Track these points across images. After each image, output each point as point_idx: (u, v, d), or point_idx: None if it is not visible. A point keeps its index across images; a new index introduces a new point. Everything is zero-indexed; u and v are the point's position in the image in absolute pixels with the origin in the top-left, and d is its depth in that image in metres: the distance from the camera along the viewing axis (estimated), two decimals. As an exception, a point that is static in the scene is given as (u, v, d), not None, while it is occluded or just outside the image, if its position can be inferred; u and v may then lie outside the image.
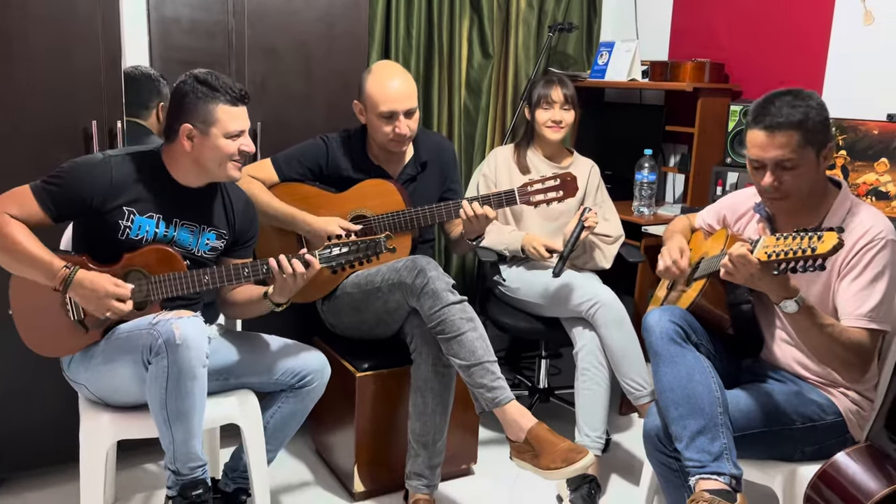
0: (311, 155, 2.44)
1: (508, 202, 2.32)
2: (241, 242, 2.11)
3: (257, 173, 2.40)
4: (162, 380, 1.74)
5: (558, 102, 2.68)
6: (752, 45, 3.09)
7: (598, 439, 2.46)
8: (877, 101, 2.62)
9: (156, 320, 1.78)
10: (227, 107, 1.87)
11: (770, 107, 1.72)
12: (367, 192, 2.40)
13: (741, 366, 1.99)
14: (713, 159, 3.06)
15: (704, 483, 1.65)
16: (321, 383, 2.10)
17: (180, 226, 1.96)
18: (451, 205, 2.32)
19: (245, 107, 1.92)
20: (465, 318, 2.13)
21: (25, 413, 2.31)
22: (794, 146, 1.71)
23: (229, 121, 1.88)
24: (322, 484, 2.51)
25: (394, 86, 2.34)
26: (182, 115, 1.87)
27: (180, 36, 2.39)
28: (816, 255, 1.49)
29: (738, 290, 1.89)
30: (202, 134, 1.87)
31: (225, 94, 1.87)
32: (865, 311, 1.71)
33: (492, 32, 3.25)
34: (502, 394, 2.09)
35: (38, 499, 2.34)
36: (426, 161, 2.50)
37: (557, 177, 2.30)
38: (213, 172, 1.93)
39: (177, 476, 1.83)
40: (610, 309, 2.48)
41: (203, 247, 2.01)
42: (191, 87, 1.87)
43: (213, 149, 1.89)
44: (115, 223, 1.88)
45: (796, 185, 1.75)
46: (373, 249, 1.93)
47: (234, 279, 1.94)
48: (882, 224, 1.76)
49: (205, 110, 1.86)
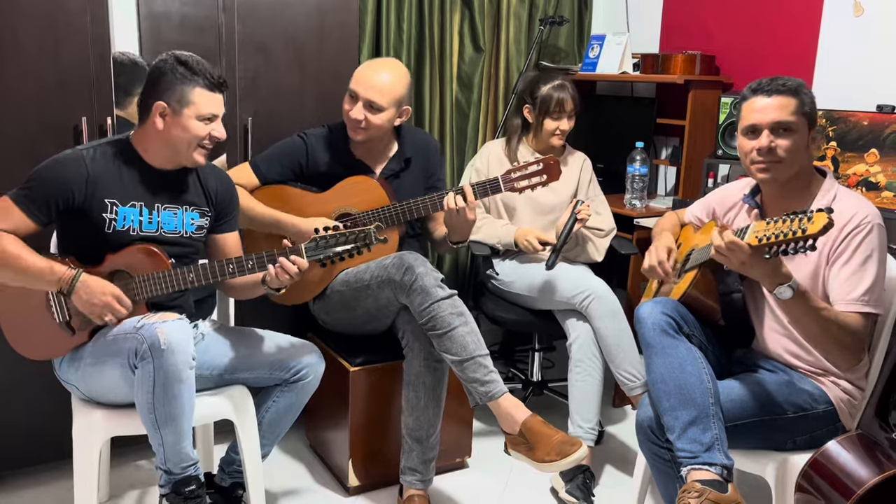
0: (289, 154, 2.42)
1: (493, 190, 2.30)
2: (224, 216, 2.09)
3: (237, 178, 2.38)
4: (148, 384, 1.73)
5: (567, 112, 2.68)
6: (742, 38, 3.09)
7: (591, 430, 2.48)
8: (867, 93, 2.63)
9: (140, 324, 1.76)
10: (203, 90, 1.86)
11: (767, 80, 1.82)
12: (349, 189, 2.38)
13: (733, 356, 2.00)
14: (704, 151, 3.07)
15: (696, 473, 1.66)
16: (315, 378, 2.10)
17: (163, 210, 1.95)
18: (436, 196, 2.30)
19: (221, 95, 1.90)
20: (455, 312, 2.13)
21: (18, 411, 2.30)
22: (792, 110, 1.78)
23: (204, 104, 1.86)
24: (317, 478, 2.51)
25: (370, 71, 2.33)
26: (157, 93, 1.86)
27: (170, 31, 2.38)
28: (807, 235, 1.49)
29: (729, 279, 1.90)
30: (175, 113, 1.86)
31: (203, 78, 1.85)
32: (858, 296, 1.73)
33: (483, 26, 3.25)
34: (495, 387, 2.09)
35: (33, 496, 2.33)
36: (410, 157, 2.49)
37: (540, 161, 2.29)
38: (182, 154, 1.91)
39: (169, 475, 1.83)
40: (603, 301, 2.49)
41: (189, 227, 2.00)
42: (170, 66, 1.85)
43: (184, 129, 1.86)
44: (100, 217, 1.87)
45: (789, 152, 1.79)
46: (363, 240, 1.89)
47: (219, 276, 1.92)
48: (867, 209, 1.78)
49: (181, 90, 1.84)
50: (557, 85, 2.67)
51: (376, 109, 2.32)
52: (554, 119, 2.68)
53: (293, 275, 1.90)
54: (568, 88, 2.68)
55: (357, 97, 2.32)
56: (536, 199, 2.75)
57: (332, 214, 2.38)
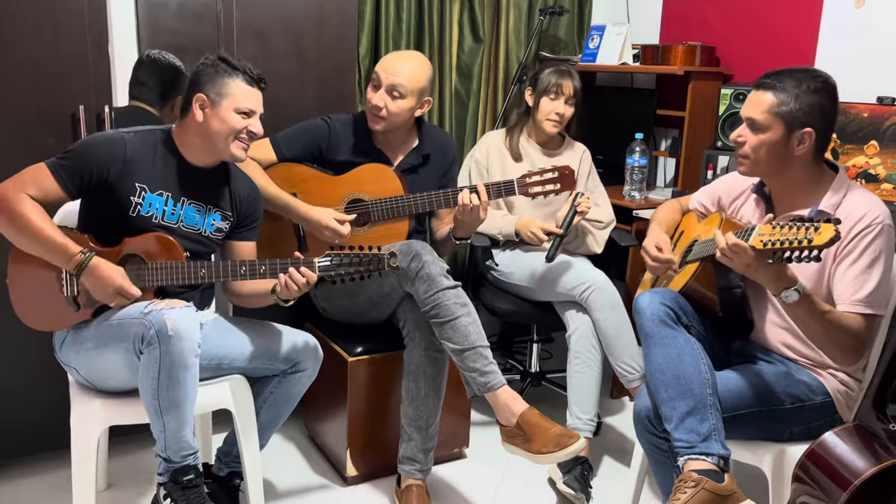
0: (312, 135, 2.42)
1: (507, 192, 2.32)
2: (245, 225, 2.12)
3: (255, 153, 2.38)
4: (154, 370, 1.74)
5: (566, 95, 2.66)
6: (743, 29, 3.08)
7: (589, 422, 2.48)
8: (867, 84, 2.62)
9: (148, 309, 1.78)
10: (242, 84, 1.92)
11: (775, 73, 1.76)
12: (365, 176, 2.38)
13: (731, 348, 2.00)
14: (704, 143, 3.06)
15: (693, 463, 1.66)
16: (314, 368, 2.11)
17: (187, 204, 1.97)
18: (450, 192, 2.31)
19: (260, 92, 1.96)
20: (459, 303, 2.13)
21: (17, 400, 2.30)
22: (765, 108, 1.74)
23: (242, 97, 1.91)
24: (315, 468, 2.52)
25: (395, 58, 2.37)
26: (198, 87, 1.91)
27: (168, 19, 2.37)
28: (813, 246, 1.48)
29: (731, 274, 1.89)
30: (213, 105, 1.90)
31: (243, 73, 1.92)
32: (863, 297, 1.71)
33: (483, 16, 3.24)
34: (494, 378, 2.09)
35: (31, 485, 2.34)
36: (429, 154, 2.49)
37: (556, 169, 2.30)
38: (219, 147, 1.94)
39: (168, 463, 1.84)
40: (603, 292, 2.49)
41: (209, 227, 2.02)
42: (212, 62, 1.92)
43: (222, 121, 1.90)
44: (127, 200, 1.89)
45: (753, 150, 1.77)
46: (375, 265, 1.92)
47: (230, 275, 1.94)
48: (878, 209, 1.75)
49: (221, 83, 1.90)
50: (561, 70, 2.67)
51: (398, 96, 2.33)
52: (551, 99, 2.66)
53: (301, 286, 1.91)
54: (570, 75, 2.66)
55: (380, 84, 2.33)
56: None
57: (345, 199, 2.38)
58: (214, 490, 2.10)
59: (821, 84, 1.74)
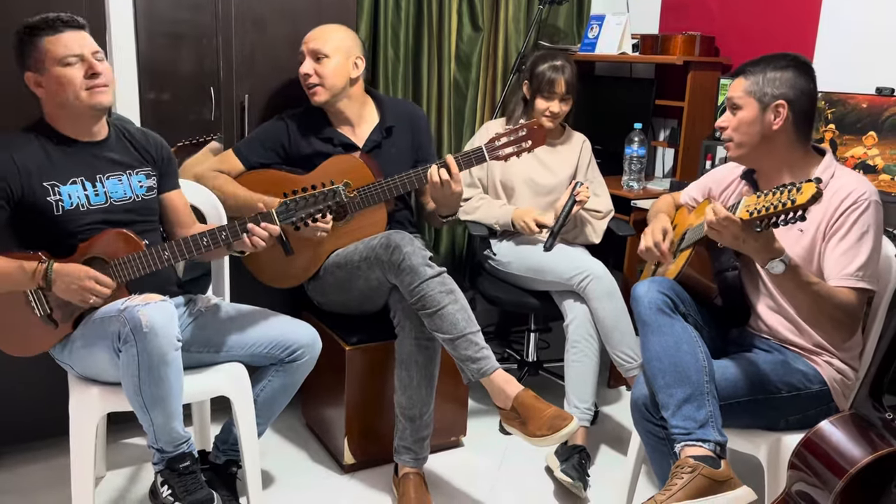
0: (271, 136, 2.42)
1: (478, 160, 2.28)
2: (165, 171, 2.08)
3: (222, 166, 2.38)
4: (133, 368, 1.72)
5: (559, 94, 2.66)
6: (742, 19, 3.07)
7: (587, 411, 2.49)
8: (866, 75, 2.62)
9: (123, 306, 1.74)
10: (51, 37, 1.79)
11: (752, 60, 1.86)
12: (334, 169, 2.37)
13: (728, 336, 2.00)
14: (703, 133, 3.06)
15: (689, 450, 1.67)
16: (312, 357, 2.10)
17: (106, 179, 1.92)
18: (420, 170, 2.28)
19: (75, 30, 1.82)
20: (444, 291, 2.12)
21: (15, 388, 2.30)
22: (739, 90, 1.84)
23: (58, 49, 1.79)
24: (312, 456, 2.53)
25: (312, 30, 2.40)
26: (22, 68, 1.83)
27: (165, 8, 2.36)
28: (797, 206, 1.50)
29: (724, 256, 1.91)
30: (42, 73, 1.82)
31: (46, 28, 1.80)
32: (853, 271, 1.73)
33: (482, 5, 3.22)
34: (487, 363, 2.09)
35: (29, 472, 2.34)
36: (392, 126, 2.48)
37: (524, 126, 2.27)
38: (78, 107, 1.84)
39: (162, 454, 1.83)
40: (601, 281, 2.49)
41: (139, 189, 1.98)
42: (17, 38, 1.83)
43: (59, 83, 1.81)
44: (46, 203, 1.84)
45: (735, 130, 1.86)
46: (332, 198, 1.88)
47: (194, 251, 1.90)
48: (865, 186, 1.78)
49: (33, 50, 1.80)
50: (555, 65, 2.65)
51: (322, 57, 2.36)
52: (545, 99, 2.66)
53: (267, 241, 1.89)
54: (564, 70, 2.65)
55: (304, 56, 2.38)
56: (535, 180, 2.74)
57: None
58: (211, 478, 2.11)
59: (790, 61, 1.82)
